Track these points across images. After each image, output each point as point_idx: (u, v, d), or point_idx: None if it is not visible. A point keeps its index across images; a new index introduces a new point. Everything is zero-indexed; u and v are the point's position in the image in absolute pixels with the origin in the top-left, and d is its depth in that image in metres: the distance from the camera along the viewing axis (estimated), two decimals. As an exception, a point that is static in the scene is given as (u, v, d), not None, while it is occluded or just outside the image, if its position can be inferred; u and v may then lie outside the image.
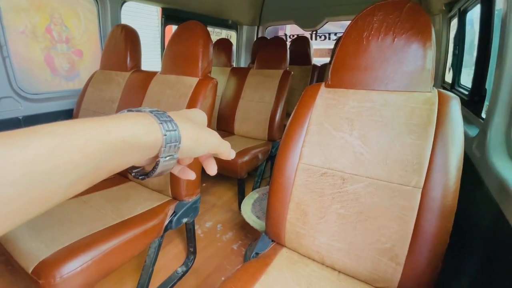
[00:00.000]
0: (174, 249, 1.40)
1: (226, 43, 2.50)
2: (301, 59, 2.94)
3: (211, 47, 1.15)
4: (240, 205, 1.40)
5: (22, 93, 1.41)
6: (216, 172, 0.34)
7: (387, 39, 0.74)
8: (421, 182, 0.65)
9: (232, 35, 3.29)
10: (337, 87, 0.82)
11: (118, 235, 0.86)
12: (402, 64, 0.73)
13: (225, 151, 0.32)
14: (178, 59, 1.17)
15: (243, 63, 3.34)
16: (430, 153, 0.65)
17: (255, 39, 3.26)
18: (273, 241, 0.88)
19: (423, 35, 0.70)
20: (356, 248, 0.72)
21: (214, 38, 1.82)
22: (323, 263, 0.78)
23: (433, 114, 0.68)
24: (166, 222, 1.03)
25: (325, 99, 0.82)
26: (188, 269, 1.27)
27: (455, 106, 0.67)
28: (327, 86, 0.84)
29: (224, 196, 1.98)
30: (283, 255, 0.82)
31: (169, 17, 2.26)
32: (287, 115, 1.82)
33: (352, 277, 0.74)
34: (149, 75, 1.27)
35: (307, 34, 3.13)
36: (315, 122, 0.81)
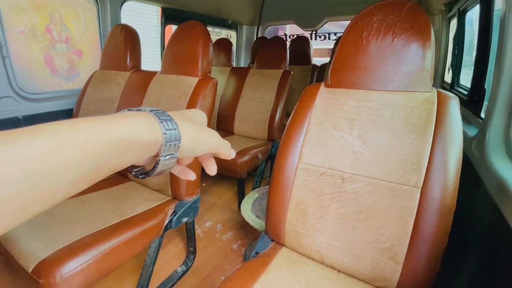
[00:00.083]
0: (174, 248, 1.40)
1: (226, 43, 2.50)
2: (301, 59, 2.94)
3: (211, 47, 1.15)
4: (240, 204, 1.40)
5: (22, 92, 1.41)
6: (216, 172, 0.34)
7: (386, 39, 0.74)
8: (420, 181, 0.65)
9: (232, 35, 3.29)
10: (336, 87, 0.82)
11: (118, 235, 0.86)
12: (401, 64, 0.73)
13: (225, 150, 0.32)
14: (178, 59, 1.17)
15: (243, 63, 3.34)
16: (429, 153, 0.65)
17: (255, 39, 3.26)
18: (272, 240, 0.88)
19: (422, 35, 0.70)
20: (356, 248, 0.72)
21: (214, 38, 1.82)
22: (322, 263, 0.78)
23: (432, 114, 0.68)
24: (166, 221, 1.04)
25: (324, 99, 0.82)
26: (188, 268, 1.28)
27: (454, 106, 0.67)
28: (327, 86, 0.84)
29: (224, 195, 1.98)
30: (282, 254, 0.82)
31: (169, 17, 2.26)
32: (287, 115, 1.82)
33: (352, 276, 0.75)
34: (149, 75, 1.27)
35: (307, 34, 3.13)
36: (315, 122, 0.81)
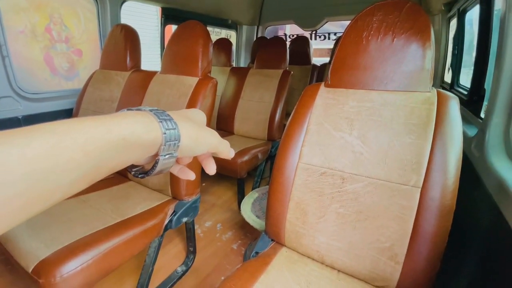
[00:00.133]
0: (174, 248, 1.40)
1: (225, 43, 2.50)
2: (300, 59, 2.95)
3: (211, 46, 1.15)
4: (240, 204, 1.40)
5: (22, 92, 1.41)
6: (215, 172, 0.34)
7: (386, 39, 0.74)
8: (420, 181, 0.65)
9: (231, 34, 3.29)
10: (336, 87, 0.82)
11: (118, 235, 0.86)
12: (401, 64, 0.73)
13: (224, 150, 0.32)
14: (178, 59, 1.17)
15: (242, 62, 3.34)
16: (429, 153, 0.65)
17: (254, 38, 3.26)
18: (272, 240, 0.88)
19: (422, 35, 0.70)
20: (356, 247, 0.72)
21: (214, 37, 1.82)
22: (322, 262, 0.78)
23: (432, 114, 0.68)
24: (166, 221, 1.04)
25: (324, 99, 0.82)
26: (188, 268, 1.28)
27: (454, 106, 0.67)
28: (327, 86, 0.84)
29: (223, 195, 1.98)
30: (282, 254, 0.82)
31: (169, 16, 2.26)
32: (286, 114, 1.82)
33: (352, 276, 0.75)
34: (149, 74, 1.26)
35: (306, 34, 3.13)
36: (315, 122, 0.81)
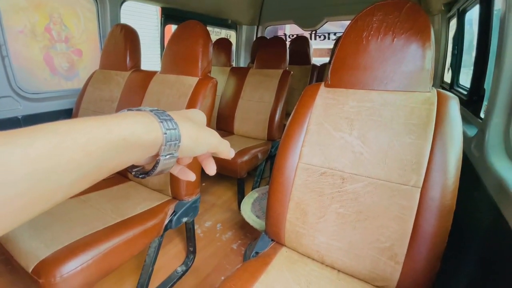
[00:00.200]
0: (174, 248, 1.40)
1: (225, 43, 2.50)
2: (300, 58, 2.95)
3: (211, 46, 1.15)
4: (240, 204, 1.41)
5: (21, 92, 1.41)
6: (215, 172, 0.34)
7: (386, 39, 0.74)
8: (420, 181, 0.65)
9: (231, 34, 3.29)
10: (336, 87, 0.82)
11: (118, 235, 0.86)
12: (401, 64, 0.73)
13: (225, 150, 0.32)
14: (177, 59, 1.17)
15: (242, 62, 3.34)
16: (429, 153, 0.65)
17: (254, 38, 3.26)
18: (272, 240, 0.88)
19: (422, 35, 0.70)
20: (356, 247, 0.72)
21: (214, 37, 1.82)
22: (322, 262, 0.78)
23: (432, 114, 0.68)
24: (166, 221, 1.04)
25: (324, 99, 0.82)
26: (188, 268, 1.28)
27: (454, 106, 0.67)
28: (327, 86, 0.84)
29: (223, 195, 1.98)
30: (283, 254, 0.82)
31: (169, 16, 2.26)
32: (286, 114, 1.82)
33: (352, 276, 0.75)
34: (149, 74, 1.26)
35: (306, 34, 3.13)
36: (315, 122, 0.81)
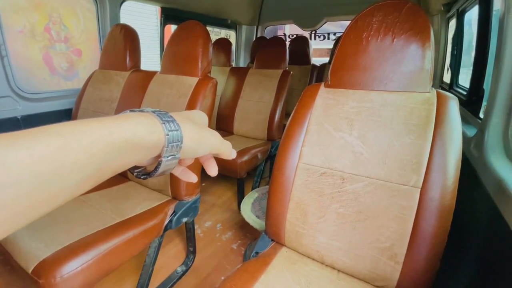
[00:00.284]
0: (174, 248, 1.41)
1: (225, 43, 2.50)
2: (300, 59, 2.95)
3: (210, 46, 1.15)
4: (240, 204, 1.41)
5: (21, 92, 1.41)
6: (216, 173, 0.34)
7: (386, 40, 0.74)
8: (420, 181, 0.66)
9: (231, 34, 3.29)
10: (336, 87, 0.82)
11: (118, 235, 0.86)
12: (401, 65, 0.73)
13: (226, 151, 0.32)
14: (177, 59, 1.17)
15: (242, 62, 3.34)
16: (428, 153, 0.66)
17: (254, 38, 3.26)
18: (272, 240, 0.88)
19: (422, 35, 0.70)
20: (356, 247, 0.73)
21: (213, 37, 1.82)
22: (322, 262, 0.78)
23: (431, 114, 0.68)
24: (166, 221, 1.04)
25: (324, 99, 0.82)
26: (187, 268, 1.28)
27: (453, 106, 0.68)
28: (327, 86, 0.84)
29: (223, 195, 1.98)
30: (283, 254, 0.82)
31: (168, 16, 2.26)
32: (286, 114, 1.82)
33: (352, 276, 0.75)
34: (149, 74, 1.26)
35: (306, 34, 3.13)
36: (315, 122, 0.81)
